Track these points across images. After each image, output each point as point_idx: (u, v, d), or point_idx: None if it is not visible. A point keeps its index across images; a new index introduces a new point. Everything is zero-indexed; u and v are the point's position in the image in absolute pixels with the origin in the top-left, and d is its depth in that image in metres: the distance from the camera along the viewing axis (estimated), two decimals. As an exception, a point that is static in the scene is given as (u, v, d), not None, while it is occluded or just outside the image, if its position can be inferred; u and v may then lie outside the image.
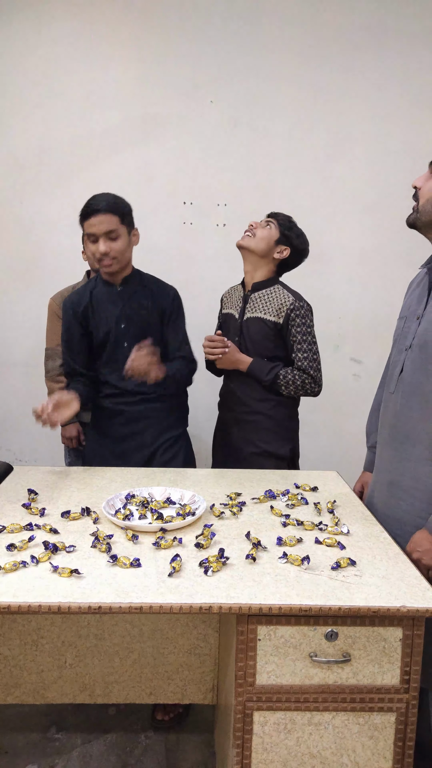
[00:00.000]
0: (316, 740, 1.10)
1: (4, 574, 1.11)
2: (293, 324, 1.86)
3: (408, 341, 1.41)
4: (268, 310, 1.88)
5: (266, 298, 1.90)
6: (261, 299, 1.91)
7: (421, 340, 1.36)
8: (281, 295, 1.89)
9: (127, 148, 2.91)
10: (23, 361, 3.05)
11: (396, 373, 1.44)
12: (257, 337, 1.89)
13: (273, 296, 1.90)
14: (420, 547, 1.28)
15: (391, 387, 1.46)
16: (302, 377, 1.86)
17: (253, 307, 1.92)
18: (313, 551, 1.24)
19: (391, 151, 2.93)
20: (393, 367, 1.48)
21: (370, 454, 1.70)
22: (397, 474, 1.41)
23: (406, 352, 1.41)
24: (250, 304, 1.93)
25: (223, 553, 1.19)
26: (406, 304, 1.51)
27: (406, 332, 1.43)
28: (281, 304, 1.87)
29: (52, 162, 2.91)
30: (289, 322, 1.86)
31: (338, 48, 2.87)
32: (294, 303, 1.86)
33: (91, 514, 1.40)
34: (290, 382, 1.86)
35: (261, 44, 2.86)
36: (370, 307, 3.07)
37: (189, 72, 2.86)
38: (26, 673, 1.59)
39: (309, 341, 1.87)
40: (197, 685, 1.63)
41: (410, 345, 1.39)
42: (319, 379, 1.89)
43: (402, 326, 1.47)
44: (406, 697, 1.09)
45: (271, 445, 1.91)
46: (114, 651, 1.59)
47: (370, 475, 1.68)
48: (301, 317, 1.86)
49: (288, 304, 1.86)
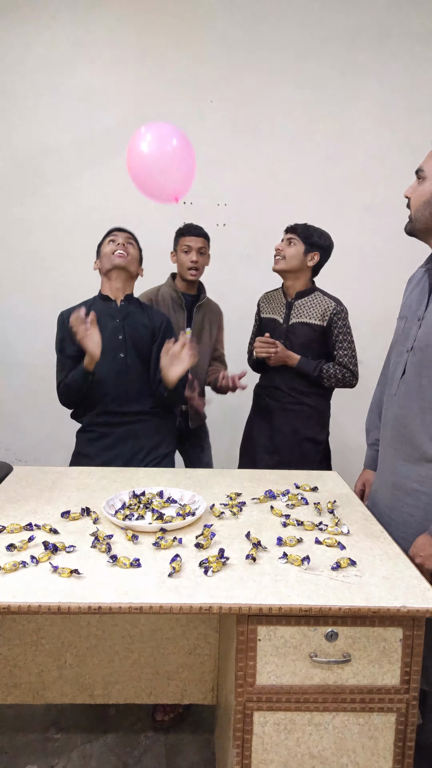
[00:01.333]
0: (316, 740, 1.10)
1: (4, 574, 1.11)
2: (335, 326, 2.10)
3: (409, 343, 1.40)
4: (313, 315, 2.12)
5: (309, 304, 2.14)
6: (305, 306, 2.14)
7: (422, 343, 1.36)
8: (323, 301, 2.13)
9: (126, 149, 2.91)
10: (23, 362, 3.05)
11: (397, 376, 1.44)
12: (304, 340, 2.13)
13: (316, 302, 2.13)
14: (422, 551, 1.28)
15: (392, 389, 1.46)
16: (343, 371, 2.11)
17: (298, 313, 2.15)
18: (313, 551, 1.24)
19: (391, 150, 2.93)
20: (394, 369, 1.48)
21: (370, 452, 1.70)
22: (401, 476, 1.41)
23: (407, 354, 1.40)
24: (294, 310, 2.16)
25: (223, 553, 1.19)
26: (405, 303, 1.50)
27: (407, 334, 1.43)
28: (325, 309, 2.11)
29: (52, 162, 2.91)
30: (332, 324, 2.10)
31: (338, 48, 2.87)
32: (336, 307, 2.11)
33: (91, 514, 1.40)
34: (332, 376, 2.10)
35: (261, 44, 2.86)
36: (370, 307, 3.07)
37: (189, 72, 2.86)
38: (26, 673, 1.59)
39: (349, 340, 2.12)
40: (197, 685, 1.63)
41: (411, 347, 1.39)
42: (356, 372, 2.14)
43: (402, 327, 1.47)
44: (407, 697, 1.09)
45: (312, 430, 2.17)
46: (114, 651, 1.59)
47: (371, 472, 1.68)
48: (342, 319, 2.11)
49: (331, 308, 2.11)
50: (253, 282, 2.56)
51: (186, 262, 2.27)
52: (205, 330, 2.38)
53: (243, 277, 2.94)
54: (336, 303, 2.12)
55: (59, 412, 2.10)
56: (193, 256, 2.26)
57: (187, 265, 2.27)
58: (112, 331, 1.92)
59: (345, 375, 2.11)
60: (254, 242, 2.78)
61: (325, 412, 2.22)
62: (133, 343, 1.94)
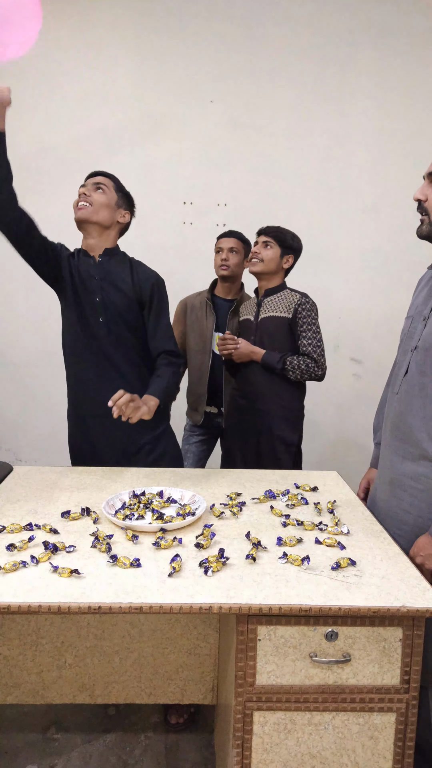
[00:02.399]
0: (316, 740, 1.10)
1: (4, 574, 1.11)
2: (299, 316, 2.13)
3: (413, 342, 1.41)
4: (279, 308, 2.16)
5: (277, 299, 2.18)
6: (273, 301, 2.19)
7: (426, 343, 1.36)
8: (289, 295, 2.18)
9: (127, 148, 2.91)
10: (23, 362, 3.05)
11: (401, 374, 1.44)
12: (272, 332, 2.15)
13: (283, 297, 2.18)
14: (423, 551, 1.28)
15: (395, 387, 1.46)
16: (306, 362, 2.10)
17: (267, 308, 2.19)
18: (313, 551, 1.24)
19: (391, 151, 2.94)
20: (398, 367, 1.48)
21: (376, 451, 1.71)
22: (398, 473, 1.42)
23: (411, 353, 1.41)
24: (263, 307, 2.20)
25: (223, 553, 1.19)
26: (413, 303, 1.51)
27: (412, 333, 1.43)
28: (290, 301, 2.15)
29: (52, 162, 2.91)
30: (297, 315, 2.13)
31: (338, 48, 2.87)
32: (300, 299, 2.15)
33: (91, 514, 1.40)
34: (296, 367, 2.09)
35: (261, 44, 2.86)
36: (370, 307, 3.07)
37: (189, 72, 2.86)
38: (26, 673, 1.59)
39: (313, 330, 2.13)
40: (197, 685, 1.63)
41: (416, 346, 1.39)
42: (322, 363, 2.12)
43: (409, 326, 1.47)
44: (406, 697, 1.09)
45: (283, 431, 2.15)
46: (114, 651, 1.59)
47: (375, 471, 1.69)
48: (307, 310, 2.13)
49: (296, 300, 2.15)
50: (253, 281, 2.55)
51: (217, 261, 2.42)
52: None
53: (242, 277, 2.94)
54: (302, 296, 2.16)
55: (59, 413, 2.10)
56: (224, 254, 2.40)
57: (218, 263, 2.42)
58: (90, 292, 1.75)
59: (308, 365, 2.09)
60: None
61: (296, 412, 2.21)
62: (112, 306, 1.75)
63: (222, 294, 2.49)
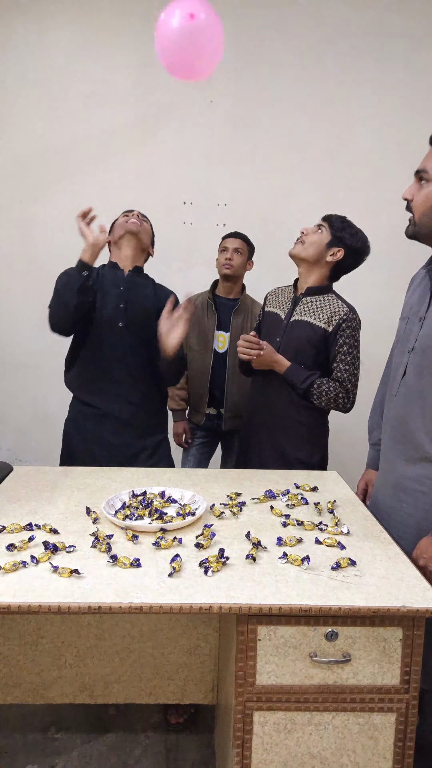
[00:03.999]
0: (316, 740, 1.10)
1: (4, 574, 1.11)
2: (342, 334, 1.83)
3: (410, 344, 1.40)
4: (319, 316, 1.85)
5: (318, 304, 1.88)
6: (313, 304, 1.88)
7: (423, 344, 1.35)
8: (335, 303, 1.87)
9: (127, 148, 2.91)
10: (23, 362, 3.05)
11: (399, 376, 1.44)
12: (301, 340, 1.86)
13: (326, 303, 1.87)
14: (426, 553, 1.27)
15: (393, 389, 1.46)
16: (336, 390, 1.83)
17: (303, 310, 1.88)
18: (313, 551, 1.24)
19: (391, 150, 2.93)
20: (395, 369, 1.48)
21: (372, 452, 1.70)
22: (401, 476, 1.41)
23: (408, 354, 1.40)
24: (300, 306, 1.90)
25: (223, 553, 1.19)
26: (407, 303, 1.50)
27: (408, 334, 1.43)
28: (334, 312, 1.84)
29: (52, 162, 2.91)
30: (339, 332, 1.83)
31: (339, 48, 2.87)
32: (348, 314, 1.84)
33: (90, 514, 1.40)
34: (323, 393, 1.83)
35: (261, 44, 2.86)
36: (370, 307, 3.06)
37: (189, 72, 2.86)
38: (26, 673, 1.59)
39: (354, 355, 1.85)
40: (197, 685, 1.63)
41: (412, 348, 1.39)
42: (353, 395, 1.86)
43: (404, 327, 1.47)
44: (406, 697, 1.09)
45: (302, 452, 1.89)
46: (114, 651, 1.59)
47: (373, 472, 1.68)
48: (352, 329, 1.84)
49: (342, 313, 1.84)
50: (253, 281, 2.56)
51: (221, 259, 2.42)
52: (246, 333, 2.39)
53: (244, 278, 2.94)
54: (350, 310, 1.86)
55: (59, 413, 2.10)
56: (228, 254, 2.39)
57: (222, 262, 2.41)
58: (114, 298, 1.88)
59: (338, 394, 1.83)
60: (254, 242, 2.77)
61: (318, 430, 1.94)
62: (134, 314, 1.88)
63: (223, 294, 2.48)
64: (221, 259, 2.42)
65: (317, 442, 1.94)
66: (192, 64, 1.59)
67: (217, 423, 2.50)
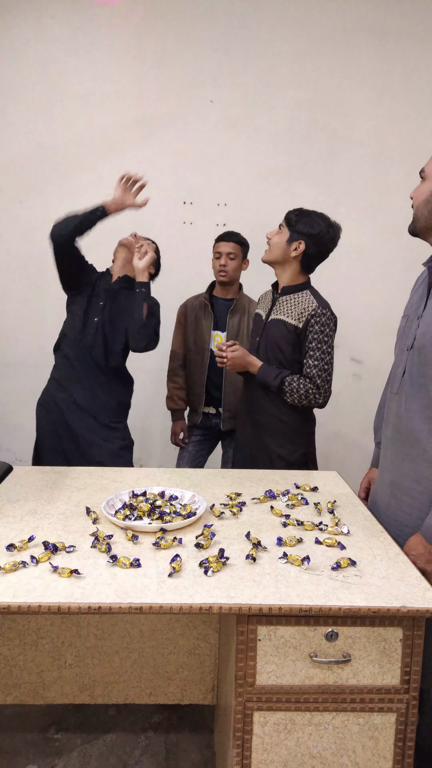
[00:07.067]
0: (316, 741, 1.10)
1: (4, 574, 1.11)
2: (312, 330, 1.83)
3: (409, 341, 1.41)
4: (291, 314, 1.87)
5: (293, 301, 1.89)
6: (287, 302, 1.90)
7: (420, 343, 1.36)
8: (306, 300, 1.87)
9: (127, 148, 2.91)
10: (23, 361, 3.05)
11: (399, 374, 1.44)
12: (277, 339, 1.89)
13: (299, 301, 1.88)
14: (414, 550, 1.28)
15: (394, 387, 1.47)
16: (306, 386, 1.83)
17: (279, 309, 1.91)
18: (313, 551, 1.24)
19: (391, 150, 2.93)
20: (396, 367, 1.48)
21: (377, 450, 1.71)
22: (399, 474, 1.41)
23: (407, 352, 1.41)
24: (276, 305, 1.93)
25: (223, 553, 1.19)
26: (409, 302, 1.51)
27: (407, 332, 1.43)
28: (304, 308, 1.85)
29: (52, 162, 2.91)
30: (308, 328, 1.83)
31: (338, 48, 2.87)
32: (316, 309, 1.84)
33: (90, 514, 1.40)
34: (294, 390, 1.84)
35: (261, 44, 2.86)
36: (370, 307, 3.07)
37: (189, 72, 2.86)
38: (26, 673, 1.59)
39: (323, 350, 1.84)
40: (197, 685, 1.63)
41: (411, 345, 1.40)
42: (325, 390, 1.86)
43: (404, 325, 1.48)
44: (407, 697, 1.09)
45: (284, 449, 1.91)
46: (114, 651, 1.59)
47: (376, 470, 1.68)
48: (321, 324, 1.83)
49: (310, 309, 1.84)
50: (253, 281, 2.56)
51: (216, 266, 2.44)
52: (242, 332, 2.45)
53: (242, 276, 2.94)
54: (319, 305, 1.84)
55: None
56: (222, 260, 2.40)
57: (216, 269, 2.43)
58: (97, 298, 2.18)
59: (309, 390, 1.82)
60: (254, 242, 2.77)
61: (300, 427, 1.93)
62: (110, 311, 2.16)
63: (220, 294, 2.50)
64: (216, 265, 2.44)
65: (299, 440, 1.94)
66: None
67: (216, 422, 2.51)
